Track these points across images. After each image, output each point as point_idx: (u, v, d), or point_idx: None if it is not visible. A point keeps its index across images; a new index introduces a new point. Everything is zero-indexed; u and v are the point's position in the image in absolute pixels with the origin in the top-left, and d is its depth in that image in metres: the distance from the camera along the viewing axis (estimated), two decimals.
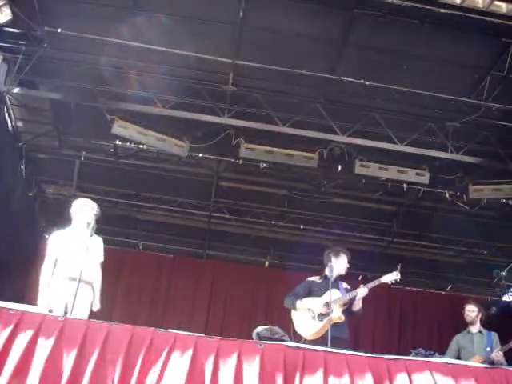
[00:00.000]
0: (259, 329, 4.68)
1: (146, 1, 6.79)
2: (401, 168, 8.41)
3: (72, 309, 4.55)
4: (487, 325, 6.44)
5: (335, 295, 5.42)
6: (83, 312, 5.16)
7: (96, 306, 5.41)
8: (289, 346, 4.20)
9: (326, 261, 5.60)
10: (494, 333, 6.26)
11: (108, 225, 9.05)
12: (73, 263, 5.16)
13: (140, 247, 11.48)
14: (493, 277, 10.77)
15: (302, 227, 10.24)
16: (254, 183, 9.67)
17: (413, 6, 6.34)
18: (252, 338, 4.57)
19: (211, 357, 3.94)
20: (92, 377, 3.74)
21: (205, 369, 3.90)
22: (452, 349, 6.33)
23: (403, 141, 7.94)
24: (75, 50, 7.37)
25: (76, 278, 4.66)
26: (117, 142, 8.58)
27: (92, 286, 5.40)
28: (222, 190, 9.89)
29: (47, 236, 8.62)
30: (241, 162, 8.62)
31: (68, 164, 9.37)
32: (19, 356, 3.74)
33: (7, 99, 7.92)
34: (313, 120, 7.99)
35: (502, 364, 5.66)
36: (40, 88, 7.85)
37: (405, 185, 8.70)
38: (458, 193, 8.97)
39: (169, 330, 4.14)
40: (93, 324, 4.08)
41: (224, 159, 9.03)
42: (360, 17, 6.60)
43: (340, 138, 7.98)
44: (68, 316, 4.24)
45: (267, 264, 11.66)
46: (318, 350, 4.24)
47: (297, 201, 9.96)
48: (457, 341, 6.37)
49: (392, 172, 8.41)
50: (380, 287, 5.54)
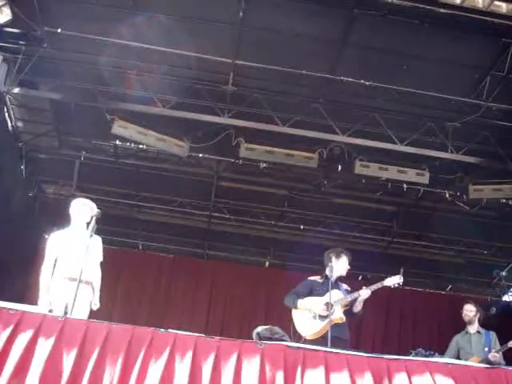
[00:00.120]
0: (259, 329, 4.67)
1: (146, 1, 6.79)
2: (401, 168, 8.42)
3: (72, 309, 4.55)
4: (487, 325, 6.45)
5: (337, 296, 5.42)
6: (83, 312, 5.17)
7: (95, 306, 5.42)
8: (289, 346, 4.20)
9: (327, 261, 5.60)
10: (493, 332, 6.27)
11: (108, 225, 9.05)
12: (73, 263, 5.17)
13: (140, 247, 11.50)
14: (493, 277, 10.79)
15: (302, 227, 10.24)
16: (254, 183, 9.67)
17: (413, 6, 6.34)
18: (252, 338, 4.56)
19: (211, 357, 3.94)
20: (92, 377, 3.74)
21: (205, 369, 3.90)
22: (451, 349, 6.34)
23: (403, 141, 7.95)
24: (75, 50, 7.38)
25: (76, 278, 4.66)
26: (117, 142, 8.57)
27: (92, 286, 5.41)
28: (222, 190, 9.89)
29: (47, 236, 8.61)
30: (241, 162, 8.61)
31: (68, 164, 9.37)
32: (19, 356, 3.74)
33: (7, 99, 7.92)
34: (313, 120, 7.99)
35: (501, 364, 5.65)
36: (40, 88, 7.86)
37: (405, 185, 8.70)
38: (458, 193, 8.97)
39: (169, 330, 4.14)
40: (93, 324, 4.08)
41: (224, 159, 9.03)
42: (360, 17, 6.60)
43: (340, 138, 7.99)
44: (68, 316, 4.24)
45: (267, 264, 11.67)
46: (318, 350, 4.24)
47: (297, 201, 9.96)
48: (456, 341, 6.38)
49: (392, 172, 8.42)
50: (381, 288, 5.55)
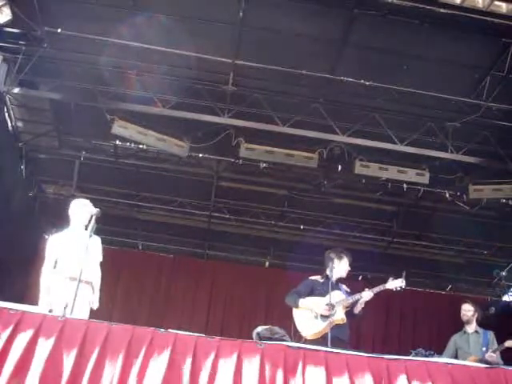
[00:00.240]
0: (259, 329, 4.67)
1: (146, 1, 6.79)
2: (401, 168, 8.41)
3: (72, 309, 4.55)
4: (487, 325, 6.44)
5: (339, 297, 5.43)
6: (83, 312, 5.16)
7: (95, 305, 5.41)
8: (289, 346, 4.20)
9: (328, 262, 5.59)
10: (491, 332, 6.26)
11: (108, 225, 9.06)
12: (72, 263, 5.16)
13: (140, 247, 11.49)
14: (493, 277, 10.77)
15: (302, 227, 10.24)
16: (254, 183, 9.66)
17: (413, 6, 6.34)
18: (252, 338, 4.55)
19: (211, 357, 3.94)
20: (92, 377, 3.74)
21: (205, 369, 3.90)
22: (449, 349, 6.34)
23: (403, 141, 7.94)
24: (75, 50, 7.38)
25: (76, 278, 4.66)
26: (117, 142, 8.57)
27: (92, 286, 5.40)
28: (222, 190, 9.89)
29: (47, 236, 8.62)
30: (241, 162, 8.61)
31: (68, 164, 9.37)
32: (19, 356, 3.74)
33: (7, 99, 7.92)
34: (313, 120, 7.99)
35: (499, 364, 5.64)
36: (40, 88, 7.85)
37: (405, 185, 8.69)
38: (458, 193, 8.97)
39: (169, 330, 4.13)
40: (93, 324, 4.07)
41: (224, 159, 9.03)
42: (360, 17, 6.60)
43: (340, 138, 7.99)
44: (68, 316, 4.24)
45: (267, 264, 11.66)
46: (319, 350, 4.24)
47: (297, 201, 9.96)
48: (454, 341, 6.38)
49: (392, 172, 8.42)
50: None
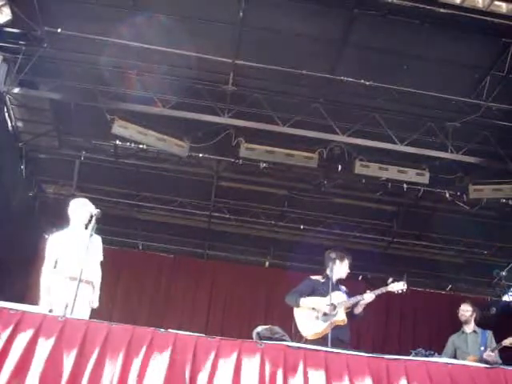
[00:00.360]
0: (259, 328, 4.67)
1: (146, 1, 6.79)
2: (401, 168, 8.41)
3: (72, 309, 4.55)
4: (486, 325, 6.44)
5: (340, 298, 5.43)
6: (83, 312, 5.16)
7: (95, 304, 5.42)
8: (289, 346, 4.20)
9: (328, 262, 5.58)
10: (489, 332, 6.26)
11: (108, 225, 9.05)
12: (73, 263, 5.16)
13: (140, 247, 11.49)
14: (493, 277, 10.76)
15: (302, 227, 10.24)
16: (254, 183, 9.66)
17: (413, 6, 6.34)
18: (252, 338, 4.56)
19: (211, 356, 3.95)
20: (92, 376, 3.74)
21: (205, 368, 3.90)
22: (448, 349, 6.35)
23: (403, 141, 7.94)
24: (75, 50, 7.37)
25: (76, 278, 4.66)
26: (117, 142, 8.57)
27: (92, 286, 5.40)
28: (222, 190, 9.89)
29: (47, 236, 8.61)
30: (241, 162, 8.61)
31: (68, 164, 9.37)
32: (19, 356, 3.74)
33: (7, 99, 7.92)
34: (313, 120, 7.99)
35: (498, 363, 5.64)
36: (40, 88, 7.85)
37: (405, 185, 8.69)
38: (458, 193, 8.97)
39: (169, 330, 4.13)
40: (93, 324, 4.08)
41: (224, 159, 9.03)
42: (360, 17, 6.59)
43: (340, 138, 7.98)
44: (68, 316, 4.24)
45: (267, 264, 11.67)
46: (319, 350, 4.24)
47: (297, 201, 9.96)
48: (452, 341, 6.39)
49: (392, 172, 8.41)
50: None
